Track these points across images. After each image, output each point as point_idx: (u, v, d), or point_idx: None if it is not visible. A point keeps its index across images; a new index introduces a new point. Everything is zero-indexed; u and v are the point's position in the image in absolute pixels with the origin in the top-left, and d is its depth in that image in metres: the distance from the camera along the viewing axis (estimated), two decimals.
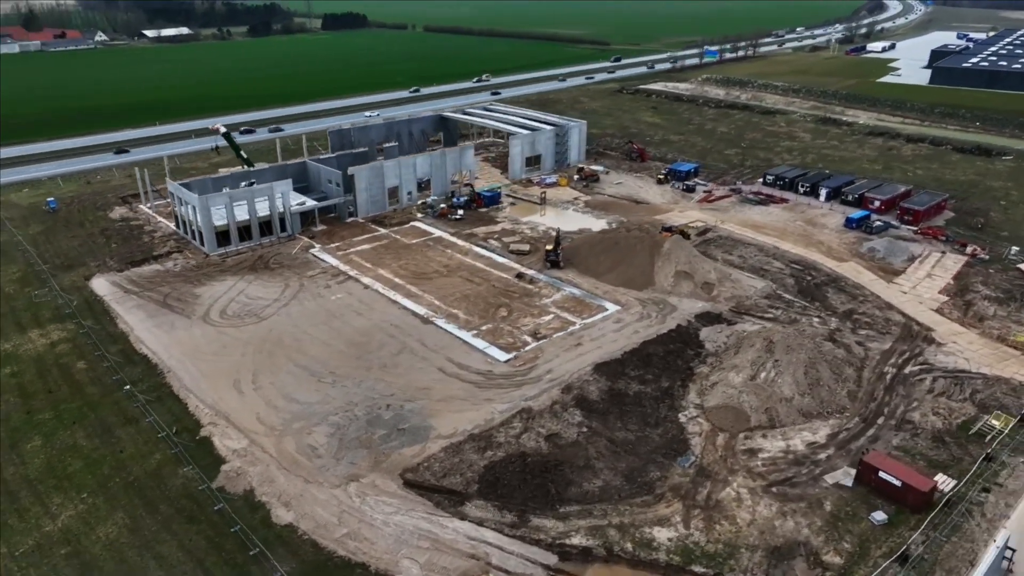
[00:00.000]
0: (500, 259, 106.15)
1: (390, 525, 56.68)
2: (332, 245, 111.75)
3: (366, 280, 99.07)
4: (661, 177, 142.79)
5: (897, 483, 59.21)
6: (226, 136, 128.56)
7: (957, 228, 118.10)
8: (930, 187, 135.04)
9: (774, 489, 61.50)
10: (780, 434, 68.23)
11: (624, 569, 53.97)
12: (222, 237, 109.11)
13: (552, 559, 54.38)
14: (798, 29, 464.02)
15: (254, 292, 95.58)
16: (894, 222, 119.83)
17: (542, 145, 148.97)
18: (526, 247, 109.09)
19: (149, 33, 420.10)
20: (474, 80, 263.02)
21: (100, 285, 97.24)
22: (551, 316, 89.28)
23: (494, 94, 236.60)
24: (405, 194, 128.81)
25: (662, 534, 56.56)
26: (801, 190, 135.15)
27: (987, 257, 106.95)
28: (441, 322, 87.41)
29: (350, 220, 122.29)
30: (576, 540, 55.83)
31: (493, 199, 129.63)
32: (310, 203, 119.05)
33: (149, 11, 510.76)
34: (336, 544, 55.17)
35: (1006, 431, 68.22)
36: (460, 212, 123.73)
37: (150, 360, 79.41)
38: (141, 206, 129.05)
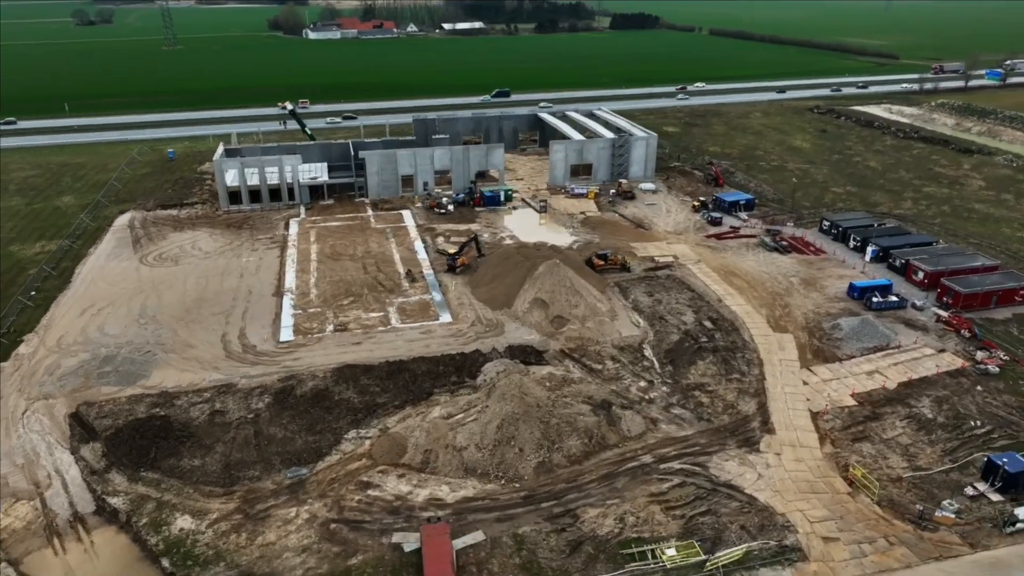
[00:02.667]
0: (422, 256, 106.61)
1: (21, 438, 66.14)
2: (312, 217, 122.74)
3: (289, 251, 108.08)
4: (696, 205, 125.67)
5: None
6: (292, 113, 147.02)
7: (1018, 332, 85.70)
8: None
9: (332, 526, 56.81)
10: (416, 480, 61.44)
11: (129, 541, 56.17)
12: (236, 197, 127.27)
13: (91, 507, 58.77)
14: None
15: (203, 244, 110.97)
16: (923, 302, 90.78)
17: (593, 155, 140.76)
18: (452, 248, 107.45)
19: (446, 26, 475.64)
20: (677, 87, 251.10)
21: (121, 219, 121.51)
22: (383, 314, 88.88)
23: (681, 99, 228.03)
24: (421, 184, 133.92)
25: (188, 524, 56.88)
26: (851, 244, 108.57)
27: (997, 371, 76.63)
28: (287, 298, 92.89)
29: (357, 200, 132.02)
30: (116, 502, 59.15)
31: (493, 199, 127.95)
32: (321, 178, 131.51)
33: (468, 8, 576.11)
34: None
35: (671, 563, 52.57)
36: (450, 207, 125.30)
37: (70, 276, 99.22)
38: None
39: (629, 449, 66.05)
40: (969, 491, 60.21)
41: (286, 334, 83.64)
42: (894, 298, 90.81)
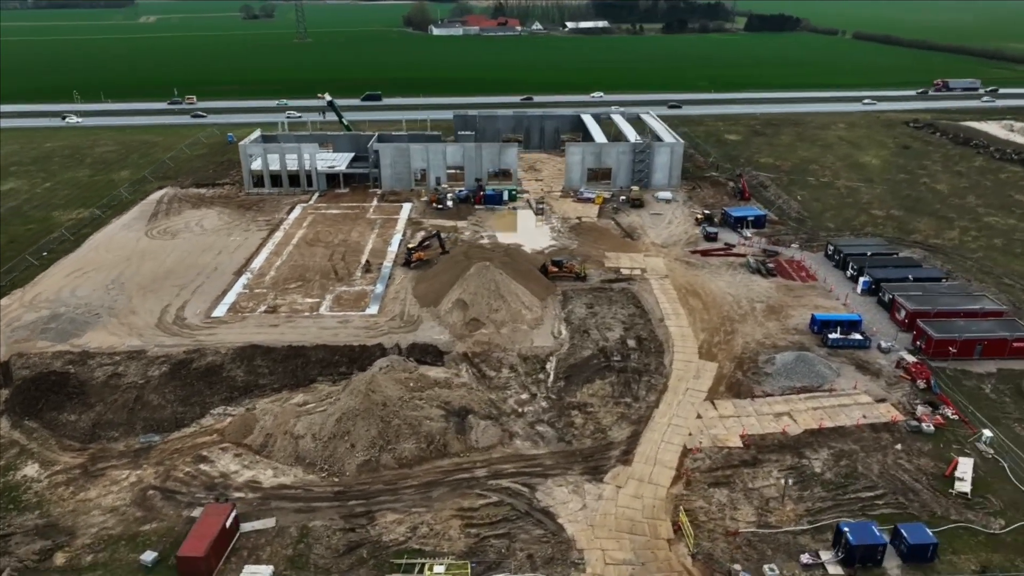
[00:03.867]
0: (393, 248, 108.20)
1: None
2: (318, 204, 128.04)
3: (276, 235, 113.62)
4: (699, 217, 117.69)
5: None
6: (330, 104, 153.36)
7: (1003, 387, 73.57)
8: None
9: (149, 492, 59.80)
10: (249, 461, 63.13)
11: None
12: (261, 181, 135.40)
13: None
14: None
15: (208, 222, 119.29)
16: (891, 343, 79.87)
17: (612, 159, 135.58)
18: (414, 243, 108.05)
19: (569, 24, 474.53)
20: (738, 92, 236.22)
21: (156, 194, 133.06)
22: (318, 300, 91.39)
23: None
24: (434, 178, 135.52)
25: (32, 472, 62.12)
26: (848, 273, 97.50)
27: (932, 430, 66.16)
28: (244, 277, 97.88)
29: (371, 190, 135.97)
30: None
31: (494, 198, 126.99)
32: (339, 167, 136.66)
33: (600, 7, 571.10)
34: None
35: None
36: (450, 203, 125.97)
37: (81, 242, 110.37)
38: None
39: (469, 460, 64.09)
40: (805, 558, 52.85)
41: (220, 311, 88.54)
42: (857, 336, 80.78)
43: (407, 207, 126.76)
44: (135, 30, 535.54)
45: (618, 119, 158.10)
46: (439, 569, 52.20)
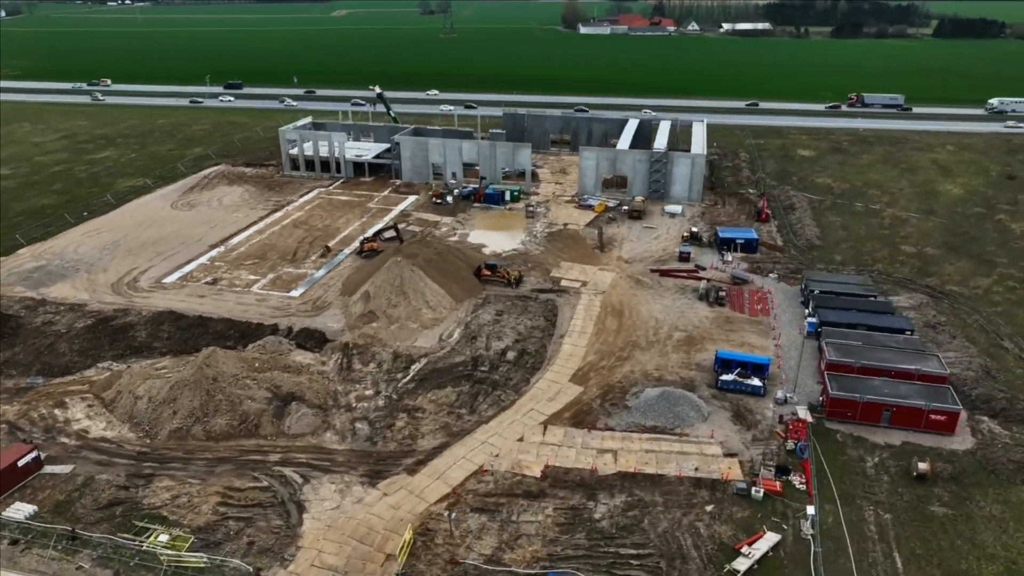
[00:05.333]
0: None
1: None
2: (334, 189, 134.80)
3: (274, 215, 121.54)
4: (685, 236, 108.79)
5: None
6: (380, 96, 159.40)
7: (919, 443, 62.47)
8: None
9: (2, 425, 67.99)
10: (93, 412, 69.52)
11: None
12: (297, 164, 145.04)
13: None
14: None
15: (228, 199, 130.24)
16: (790, 395, 69.73)
17: (627, 167, 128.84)
18: (391, 234, 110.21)
19: (725, 26, 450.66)
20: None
21: (208, 170, 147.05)
22: (258, 278, 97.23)
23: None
24: (450, 173, 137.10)
25: None
26: (807, 311, 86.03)
27: (760, 496, 57.56)
28: (216, 250, 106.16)
29: (391, 181, 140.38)
30: None
31: (493, 198, 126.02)
32: (365, 156, 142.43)
33: (770, 8, 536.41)
34: None
35: None
36: (450, 199, 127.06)
37: (118, 206, 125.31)
38: None
39: (272, 444, 65.96)
40: None
41: (172, 278, 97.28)
42: (755, 382, 71.75)
43: (411, 200, 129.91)
44: (324, 23, 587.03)
45: (664, 126, 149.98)
46: (163, 538, 54.93)
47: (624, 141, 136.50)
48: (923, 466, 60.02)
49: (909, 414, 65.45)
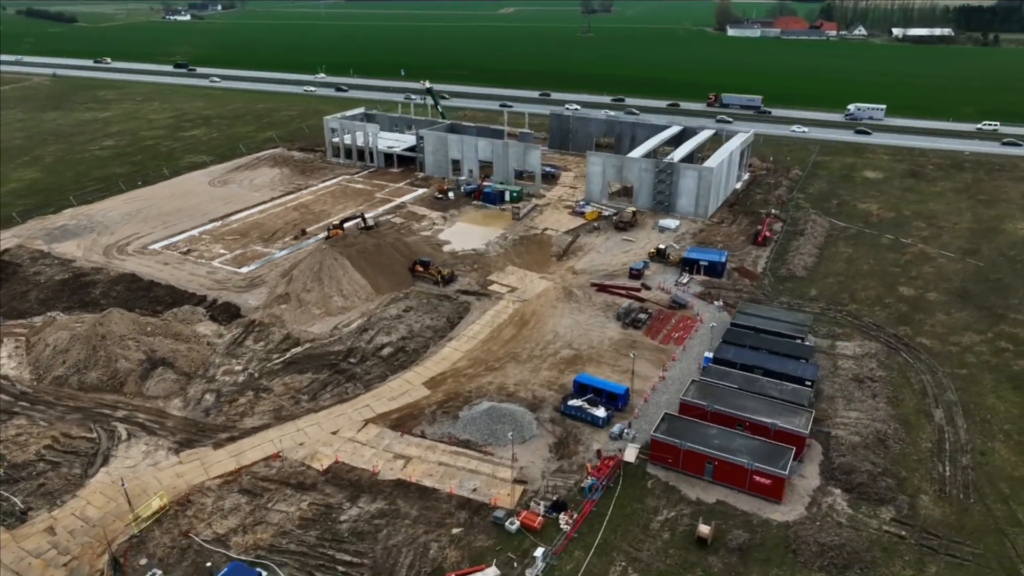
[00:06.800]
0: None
1: None
2: (359, 177, 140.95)
3: (286, 197, 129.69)
4: (652, 251, 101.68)
5: None
6: (429, 91, 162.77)
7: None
8: None
9: None
10: (18, 356, 79.59)
11: None
12: (337, 151, 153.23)
13: None
14: None
15: (260, 179, 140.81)
16: (628, 431, 63.75)
17: (634, 175, 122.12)
18: (372, 224, 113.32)
19: (896, 31, 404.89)
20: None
21: (264, 152, 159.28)
22: (228, 254, 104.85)
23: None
24: (467, 169, 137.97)
25: None
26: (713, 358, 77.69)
27: (514, 528, 53.82)
28: (216, 223, 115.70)
29: (416, 173, 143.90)
30: None
31: (491, 196, 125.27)
32: (396, 149, 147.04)
33: (965, 11, 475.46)
34: None
35: None
36: (451, 195, 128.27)
37: (168, 179, 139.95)
38: None
39: (127, 401, 72.09)
40: None
41: (157, 246, 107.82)
42: (599, 412, 66.79)
43: (417, 193, 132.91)
44: (488, 20, 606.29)
45: (702, 135, 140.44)
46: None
47: (641, 150, 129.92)
48: (704, 529, 53.18)
49: (732, 471, 57.96)
